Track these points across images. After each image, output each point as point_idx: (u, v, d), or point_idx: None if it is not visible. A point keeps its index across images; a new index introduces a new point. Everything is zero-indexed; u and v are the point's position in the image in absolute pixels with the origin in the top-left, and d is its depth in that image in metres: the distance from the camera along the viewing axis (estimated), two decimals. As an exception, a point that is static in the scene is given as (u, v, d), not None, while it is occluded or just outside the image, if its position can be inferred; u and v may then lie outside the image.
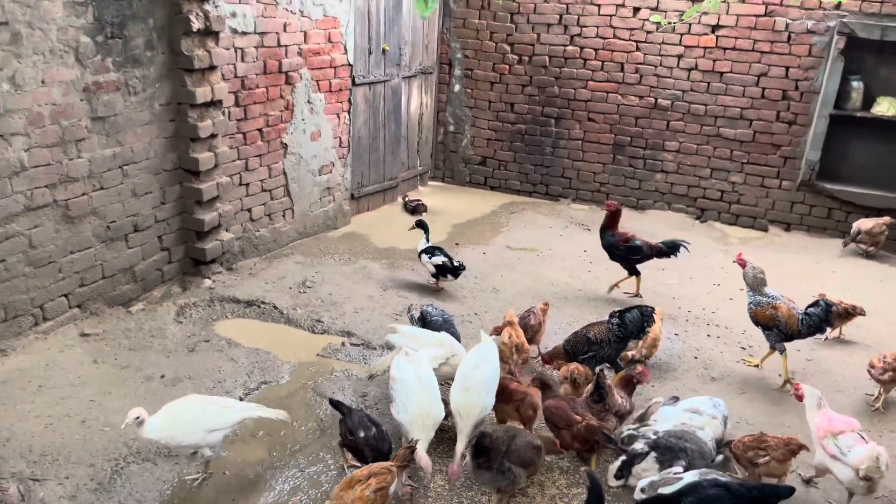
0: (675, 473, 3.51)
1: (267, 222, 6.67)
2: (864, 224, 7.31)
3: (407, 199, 8.45)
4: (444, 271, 6.03)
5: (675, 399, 4.27)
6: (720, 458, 3.98)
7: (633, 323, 4.73)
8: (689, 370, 5.10)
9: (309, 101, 6.83)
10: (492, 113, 9.04)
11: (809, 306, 4.91)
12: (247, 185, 6.35)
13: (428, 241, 6.27)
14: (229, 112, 5.96)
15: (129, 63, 5.11)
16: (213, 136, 5.75)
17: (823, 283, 6.66)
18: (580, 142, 8.72)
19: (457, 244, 7.29)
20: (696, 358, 5.28)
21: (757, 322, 4.93)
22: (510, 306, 5.87)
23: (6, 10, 4.26)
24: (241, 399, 4.42)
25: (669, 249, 6.11)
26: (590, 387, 4.06)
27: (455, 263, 6.03)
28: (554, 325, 5.53)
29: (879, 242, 7.30)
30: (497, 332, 4.85)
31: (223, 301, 5.65)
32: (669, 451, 3.70)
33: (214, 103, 5.69)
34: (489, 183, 9.33)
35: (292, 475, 3.82)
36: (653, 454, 3.71)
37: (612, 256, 6.21)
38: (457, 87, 9.12)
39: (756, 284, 4.93)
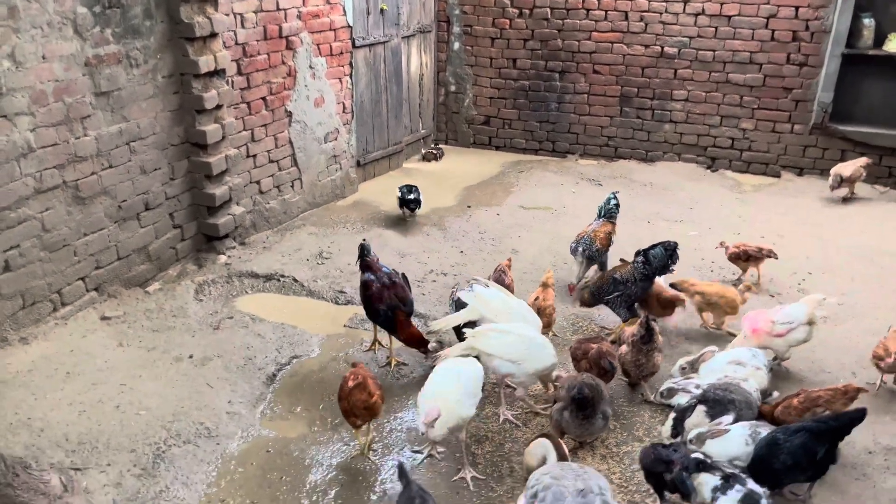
0: (724, 425, 3.47)
1: (276, 194, 6.51)
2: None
3: (425, 151, 8.77)
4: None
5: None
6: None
7: (658, 259, 4.65)
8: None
9: (311, 66, 6.61)
10: (493, 70, 8.83)
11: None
12: (254, 156, 6.17)
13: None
14: (232, 81, 5.75)
15: (128, 34, 4.88)
16: (218, 106, 5.55)
17: (839, 226, 6.60)
18: (586, 95, 8.54)
19: (469, 206, 7.16)
20: (726, 308, 5.21)
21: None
22: (531, 267, 5.81)
23: (0, -17, 4.04)
24: (273, 375, 4.34)
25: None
26: (636, 328, 4.09)
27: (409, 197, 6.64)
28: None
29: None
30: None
31: (241, 276, 5.52)
32: (718, 403, 3.64)
33: (218, 72, 5.49)
34: (494, 143, 9.16)
35: (338, 450, 3.75)
36: (702, 407, 3.66)
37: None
38: (456, 45, 8.89)
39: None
